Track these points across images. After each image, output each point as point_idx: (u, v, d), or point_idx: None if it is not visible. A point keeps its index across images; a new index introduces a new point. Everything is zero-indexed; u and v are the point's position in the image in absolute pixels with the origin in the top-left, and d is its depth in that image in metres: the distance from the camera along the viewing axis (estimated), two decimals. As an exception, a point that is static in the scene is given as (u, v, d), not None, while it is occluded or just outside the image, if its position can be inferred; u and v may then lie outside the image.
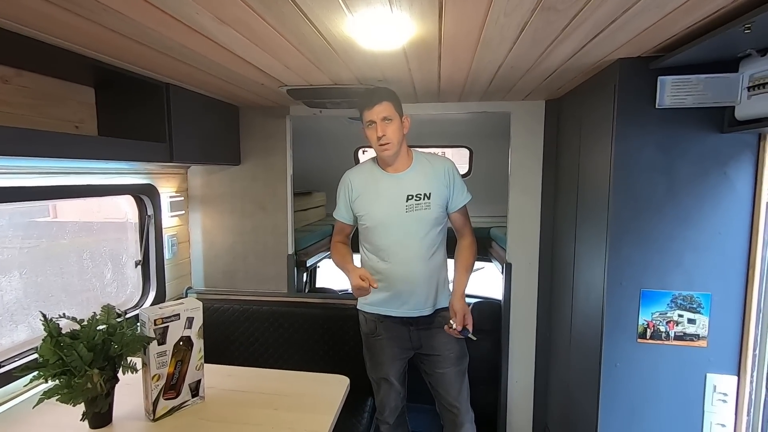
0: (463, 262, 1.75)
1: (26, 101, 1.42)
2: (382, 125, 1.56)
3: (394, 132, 1.58)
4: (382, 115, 1.56)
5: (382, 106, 1.55)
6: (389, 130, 1.57)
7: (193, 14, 0.99)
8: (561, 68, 1.47)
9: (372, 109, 1.56)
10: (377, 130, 1.56)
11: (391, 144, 1.58)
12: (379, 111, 1.55)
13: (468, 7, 0.95)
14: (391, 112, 1.57)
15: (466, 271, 1.73)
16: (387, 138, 1.57)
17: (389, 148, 1.59)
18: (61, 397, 1.11)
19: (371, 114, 1.57)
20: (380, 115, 1.56)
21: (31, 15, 0.99)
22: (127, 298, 2.05)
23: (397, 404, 1.85)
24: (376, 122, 1.56)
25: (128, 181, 1.92)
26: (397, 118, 1.59)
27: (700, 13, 0.97)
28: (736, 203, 1.30)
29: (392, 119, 1.57)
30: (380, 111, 1.55)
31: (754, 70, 1.14)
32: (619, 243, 1.37)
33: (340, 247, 1.78)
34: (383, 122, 1.56)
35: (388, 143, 1.58)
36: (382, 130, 1.56)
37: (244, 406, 1.36)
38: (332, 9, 0.96)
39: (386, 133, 1.56)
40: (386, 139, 1.57)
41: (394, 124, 1.57)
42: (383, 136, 1.56)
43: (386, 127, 1.56)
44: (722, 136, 1.28)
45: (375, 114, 1.56)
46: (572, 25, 1.05)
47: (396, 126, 1.58)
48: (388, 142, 1.58)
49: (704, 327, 1.34)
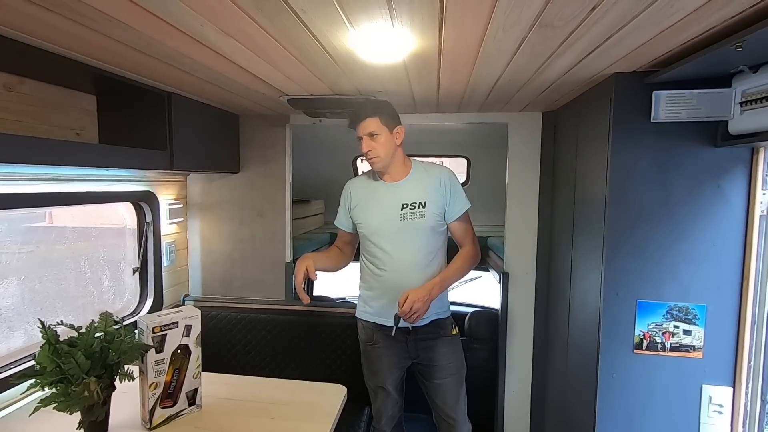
0: (456, 261, 1.69)
1: (28, 109, 1.43)
2: (368, 141, 1.62)
3: (382, 145, 1.63)
4: (368, 131, 1.61)
5: (367, 122, 1.61)
6: (376, 144, 1.62)
7: (198, 26, 1.00)
8: (558, 82, 1.50)
9: (358, 125, 1.63)
10: (363, 146, 1.63)
11: (378, 158, 1.64)
12: (365, 127, 1.62)
13: (467, 22, 0.97)
14: (376, 127, 1.61)
15: (455, 269, 1.67)
16: (374, 152, 1.63)
17: (376, 162, 1.65)
18: (58, 405, 1.10)
19: (358, 130, 1.64)
20: (365, 131, 1.62)
21: (34, 24, 1.00)
22: (125, 305, 2.05)
23: (394, 413, 1.85)
24: (363, 138, 1.63)
25: (127, 189, 1.93)
26: (384, 131, 1.63)
27: (693, 31, 0.99)
28: (730, 216, 1.32)
29: (379, 134, 1.62)
30: (365, 127, 1.62)
31: (747, 86, 1.17)
32: (615, 254, 1.39)
33: (330, 247, 1.90)
34: (369, 138, 1.62)
35: (375, 157, 1.64)
36: (368, 146, 1.62)
37: (241, 415, 1.35)
38: (334, 22, 0.98)
39: (372, 148, 1.62)
40: (373, 153, 1.63)
41: (381, 138, 1.62)
42: (369, 151, 1.63)
43: (372, 142, 1.62)
44: (716, 149, 1.30)
45: (361, 130, 1.63)
46: (569, 41, 1.07)
47: (384, 139, 1.63)
48: (375, 156, 1.64)
49: (700, 338, 1.35)
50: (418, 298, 1.50)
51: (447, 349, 1.73)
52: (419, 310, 1.51)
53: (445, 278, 1.64)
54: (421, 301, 1.51)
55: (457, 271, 1.68)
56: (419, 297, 1.51)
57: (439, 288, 1.60)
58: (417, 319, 1.53)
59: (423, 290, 1.54)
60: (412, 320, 1.52)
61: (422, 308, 1.51)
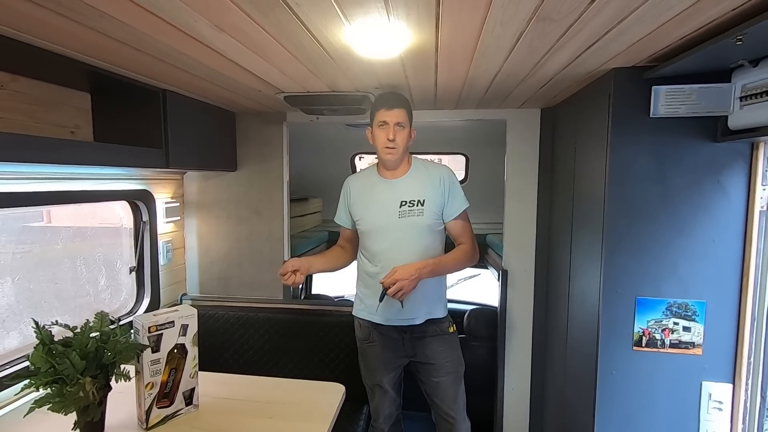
0: (450, 252, 1.68)
1: (21, 106, 1.42)
2: (395, 129, 1.59)
3: (402, 139, 1.62)
4: (397, 120, 1.59)
5: (400, 111, 1.59)
6: (399, 136, 1.60)
7: (191, 21, 0.99)
8: (556, 77, 1.49)
9: (390, 110, 1.59)
10: (389, 133, 1.59)
11: (397, 150, 1.62)
12: (397, 115, 1.59)
13: (464, 16, 0.96)
14: (404, 119, 1.61)
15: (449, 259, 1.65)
16: (396, 143, 1.60)
17: (394, 153, 1.62)
18: (52, 405, 1.09)
19: (388, 115, 1.58)
20: (395, 120, 1.59)
21: (27, 21, 0.99)
22: (121, 305, 2.04)
23: (392, 411, 1.84)
24: (390, 125, 1.59)
25: (124, 187, 1.91)
26: (408, 127, 1.63)
27: (693, 24, 0.98)
28: (730, 212, 1.31)
29: (404, 127, 1.61)
30: (397, 115, 1.59)
31: (747, 80, 1.16)
32: (614, 251, 1.38)
33: (333, 247, 1.88)
34: (396, 127, 1.59)
35: (395, 148, 1.61)
36: (394, 134, 1.59)
37: (238, 415, 1.34)
38: (329, 17, 0.96)
39: (396, 138, 1.60)
40: (395, 144, 1.60)
41: (404, 132, 1.62)
42: (393, 140, 1.60)
43: (398, 132, 1.60)
44: (716, 145, 1.29)
45: (392, 116, 1.59)
46: (567, 35, 1.06)
47: (406, 134, 1.63)
48: (395, 147, 1.61)
49: (699, 335, 1.35)
50: (405, 276, 1.48)
51: (444, 347, 1.72)
52: (405, 288, 1.48)
53: (438, 263, 1.60)
54: (407, 279, 1.48)
55: (453, 262, 1.66)
56: (406, 275, 1.48)
57: (430, 271, 1.55)
58: (402, 297, 1.49)
59: (412, 267, 1.51)
60: (398, 297, 1.49)
61: (408, 286, 1.48)
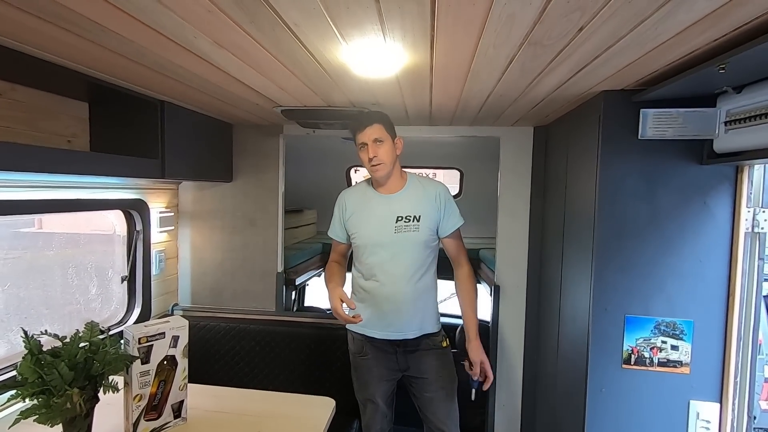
0: (466, 297, 1.75)
1: (19, 115, 1.43)
2: (374, 147, 1.60)
3: (385, 153, 1.62)
4: (373, 137, 1.60)
5: (373, 128, 1.60)
6: (381, 151, 1.61)
7: (191, 38, 1.01)
8: (548, 98, 1.52)
9: (363, 131, 1.61)
10: (368, 152, 1.61)
11: (383, 165, 1.62)
12: (371, 133, 1.60)
13: (458, 39, 0.99)
14: (381, 134, 1.61)
15: (473, 310, 1.74)
16: (378, 159, 1.61)
17: (381, 169, 1.63)
18: (39, 417, 1.08)
19: (363, 136, 1.61)
20: (371, 137, 1.60)
21: (28, 33, 1.01)
22: (112, 314, 2.02)
23: (383, 427, 1.83)
24: (368, 144, 1.60)
25: (118, 196, 1.91)
26: (388, 139, 1.63)
27: (678, 52, 1.02)
28: (716, 232, 1.34)
29: (383, 140, 1.61)
30: (371, 133, 1.60)
31: (731, 106, 1.20)
32: (603, 268, 1.40)
33: (333, 267, 1.80)
34: (374, 144, 1.60)
35: (379, 164, 1.62)
36: (374, 152, 1.60)
37: (226, 428, 1.33)
38: (327, 37, 0.99)
39: (377, 154, 1.60)
40: (378, 159, 1.61)
41: (385, 145, 1.62)
42: (374, 157, 1.61)
43: (377, 149, 1.60)
44: (702, 167, 1.33)
45: (366, 136, 1.60)
46: (558, 59, 1.10)
47: (388, 147, 1.62)
48: (379, 163, 1.61)
49: (687, 354, 1.36)
50: (478, 358, 1.69)
51: (438, 362, 1.72)
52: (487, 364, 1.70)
53: (475, 323, 1.74)
54: (483, 358, 1.70)
55: (474, 302, 1.77)
56: (480, 357, 1.69)
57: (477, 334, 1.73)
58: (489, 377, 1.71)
59: (478, 350, 1.70)
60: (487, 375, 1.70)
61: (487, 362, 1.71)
